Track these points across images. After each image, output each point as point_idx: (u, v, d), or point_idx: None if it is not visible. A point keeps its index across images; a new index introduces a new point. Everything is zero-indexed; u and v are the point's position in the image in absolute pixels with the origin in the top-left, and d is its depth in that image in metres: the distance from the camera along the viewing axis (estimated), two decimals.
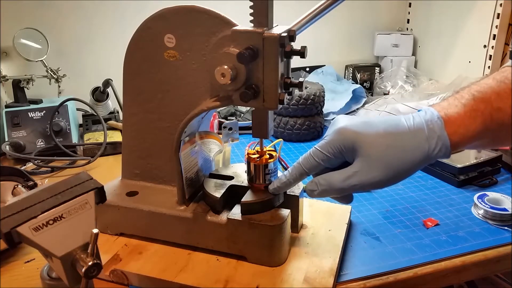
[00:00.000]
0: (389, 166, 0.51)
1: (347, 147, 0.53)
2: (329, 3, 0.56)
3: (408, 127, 0.52)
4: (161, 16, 0.58)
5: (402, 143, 0.52)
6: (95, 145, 1.02)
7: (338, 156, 0.54)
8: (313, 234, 0.65)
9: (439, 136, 0.51)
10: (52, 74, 1.13)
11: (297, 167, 0.57)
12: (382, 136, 0.52)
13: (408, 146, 0.51)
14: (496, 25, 1.13)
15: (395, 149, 0.51)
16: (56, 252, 0.43)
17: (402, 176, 0.52)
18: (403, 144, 0.51)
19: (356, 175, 0.52)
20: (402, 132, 0.52)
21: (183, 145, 0.61)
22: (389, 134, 0.52)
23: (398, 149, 0.51)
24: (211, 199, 0.61)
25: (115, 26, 1.26)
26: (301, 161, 0.56)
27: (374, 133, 0.52)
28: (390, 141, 0.52)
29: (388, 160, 0.51)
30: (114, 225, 0.66)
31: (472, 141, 0.52)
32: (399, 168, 0.51)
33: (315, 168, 0.55)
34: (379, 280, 0.59)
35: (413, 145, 0.51)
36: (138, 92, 0.64)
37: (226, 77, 0.52)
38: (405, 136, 0.52)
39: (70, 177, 0.48)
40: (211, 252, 0.61)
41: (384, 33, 1.50)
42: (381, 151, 0.51)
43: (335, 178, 0.53)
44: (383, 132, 0.52)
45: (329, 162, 0.54)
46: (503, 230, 0.69)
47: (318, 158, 0.54)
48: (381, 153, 0.51)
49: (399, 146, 0.51)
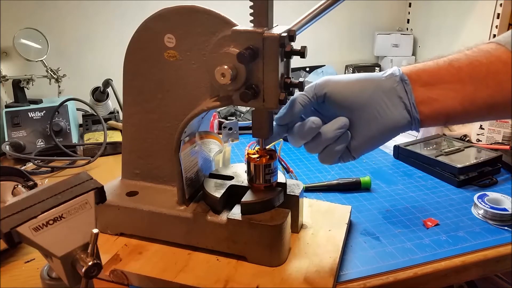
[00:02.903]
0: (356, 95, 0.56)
1: (318, 88, 0.57)
2: (329, 3, 0.56)
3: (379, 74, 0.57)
4: (161, 16, 0.58)
5: (368, 83, 0.57)
6: (95, 145, 1.02)
7: (312, 98, 0.57)
8: (313, 234, 0.65)
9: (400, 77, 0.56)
10: (52, 74, 1.13)
11: (284, 107, 0.58)
12: (348, 77, 0.58)
13: (374, 84, 0.56)
14: (496, 25, 1.14)
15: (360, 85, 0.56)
16: (56, 252, 0.43)
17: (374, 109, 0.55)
18: (369, 83, 0.56)
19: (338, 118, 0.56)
20: (372, 75, 0.58)
21: (183, 145, 0.61)
22: (354, 76, 0.58)
23: (363, 86, 0.56)
24: (211, 199, 0.61)
25: (115, 26, 1.26)
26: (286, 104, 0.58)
27: (345, 78, 0.58)
28: (354, 78, 0.58)
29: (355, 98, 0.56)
30: (114, 225, 0.66)
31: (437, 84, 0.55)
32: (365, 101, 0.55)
33: (297, 109, 0.57)
34: (379, 280, 0.59)
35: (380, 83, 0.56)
36: (138, 92, 0.64)
37: (226, 77, 0.52)
38: (375, 77, 0.57)
39: (70, 177, 0.48)
40: (211, 252, 0.61)
41: (384, 33, 1.50)
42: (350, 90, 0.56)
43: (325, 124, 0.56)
44: (350, 76, 0.58)
45: (308, 104, 0.57)
46: (503, 230, 0.69)
47: (299, 99, 0.57)
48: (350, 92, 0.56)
49: (366, 84, 0.56)
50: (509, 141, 1.02)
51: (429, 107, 0.55)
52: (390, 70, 0.57)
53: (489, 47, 0.55)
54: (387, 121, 0.55)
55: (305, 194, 0.79)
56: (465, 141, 1.04)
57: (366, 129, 0.56)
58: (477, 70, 0.54)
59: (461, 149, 0.94)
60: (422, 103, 0.55)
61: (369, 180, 0.83)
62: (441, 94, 0.55)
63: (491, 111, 0.55)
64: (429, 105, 0.55)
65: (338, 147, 0.56)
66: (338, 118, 0.56)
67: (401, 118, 0.55)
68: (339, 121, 0.55)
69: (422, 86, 0.55)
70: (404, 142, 0.98)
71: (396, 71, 0.56)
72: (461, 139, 1.05)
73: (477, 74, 0.54)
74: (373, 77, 0.57)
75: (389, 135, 0.56)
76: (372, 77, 0.57)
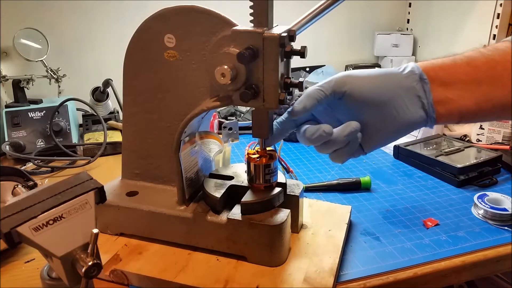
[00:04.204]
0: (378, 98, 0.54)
1: (338, 84, 0.55)
2: (329, 3, 0.56)
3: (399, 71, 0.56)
4: (161, 16, 0.58)
5: (389, 80, 0.55)
6: (95, 145, 1.02)
7: (330, 94, 0.55)
8: (313, 234, 0.65)
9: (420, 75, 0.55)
10: (52, 74, 1.13)
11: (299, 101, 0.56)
12: (368, 72, 0.56)
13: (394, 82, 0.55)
14: (496, 25, 1.13)
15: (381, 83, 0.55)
16: (56, 252, 0.43)
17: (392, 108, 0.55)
18: (390, 81, 0.55)
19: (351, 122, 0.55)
20: (392, 72, 0.56)
21: (183, 145, 0.61)
22: (374, 72, 0.56)
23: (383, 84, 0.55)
24: (211, 199, 0.61)
25: (115, 26, 1.26)
26: (301, 98, 0.56)
27: (365, 74, 0.56)
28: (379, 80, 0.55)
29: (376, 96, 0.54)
30: (114, 225, 0.66)
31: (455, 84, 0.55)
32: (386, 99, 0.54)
33: (311, 104, 0.55)
34: (379, 280, 0.59)
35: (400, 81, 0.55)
36: (138, 92, 0.64)
37: (226, 77, 0.52)
38: (395, 75, 0.56)
39: (70, 177, 0.48)
40: (211, 252, 0.61)
41: (384, 33, 1.50)
42: (371, 88, 0.55)
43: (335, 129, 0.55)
44: (374, 74, 0.56)
45: (324, 100, 0.56)
46: (503, 230, 0.69)
47: (316, 95, 0.55)
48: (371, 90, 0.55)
49: (386, 82, 0.55)
50: (509, 141, 1.02)
51: (445, 106, 0.55)
52: (409, 67, 0.56)
53: (505, 46, 0.55)
54: (404, 119, 0.55)
55: (305, 194, 0.79)
56: (465, 141, 1.04)
57: (383, 126, 0.55)
58: (494, 69, 0.54)
59: (461, 149, 0.94)
60: (439, 103, 0.55)
61: (369, 180, 0.83)
62: (457, 94, 0.54)
63: (506, 110, 0.55)
64: (446, 104, 0.55)
65: (349, 149, 0.56)
66: (350, 123, 0.55)
67: (418, 117, 0.55)
68: (350, 126, 0.54)
69: (440, 85, 0.55)
70: (404, 142, 0.98)
71: (415, 69, 0.56)
72: (461, 139, 1.05)
73: (494, 74, 0.54)
74: (393, 74, 0.56)
75: (404, 133, 0.56)
76: (392, 74, 0.56)
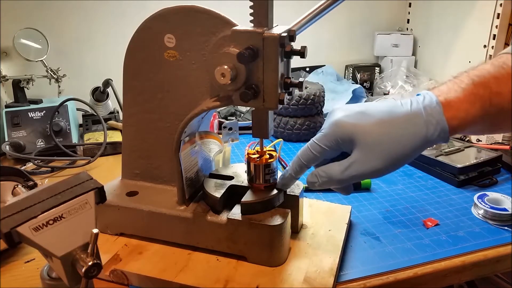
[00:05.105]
0: (387, 153, 0.52)
1: (344, 139, 0.53)
2: (329, 3, 0.56)
3: (405, 113, 0.52)
4: (161, 16, 0.58)
5: (398, 130, 0.52)
6: (95, 145, 1.02)
7: (335, 148, 0.54)
8: (313, 234, 0.65)
9: (437, 121, 0.51)
10: (52, 74, 1.13)
11: (296, 161, 0.58)
12: (378, 125, 0.52)
13: (405, 132, 0.52)
14: (496, 25, 1.13)
15: (391, 136, 0.52)
16: (56, 252, 0.43)
17: (401, 162, 0.53)
18: (399, 131, 0.52)
19: (354, 166, 0.53)
20: (398, 118, 0.52)
21: (183, 145, 0.61)
22: (385, 122, 0.52)
23: (394, 136, 0.52)
24: (211, 199, 0.61)
25: (115, 26, 1.25)
26: (299, 154, 0.57)
27: (370, 123, 0.53)
28: (386, 129, 0.52)
29: (385, 147, 0.52)
30: (114, 225, 0.66)
31: (470, 126, 0.52)
32: (397, 155, 0.52)
33: (313, 160, 0.56)
34: (379, 280, 0.59)
35: (410, 131, 0.52)
36: (138, 92, 0.64)
37: (226, 77, 0.52)
38: (402, 122, 0.52)
39: (70, 177, 0.48)
40: (211, 252, 0.61)
41: (384, 33, 1.50)
42: (378, 139, 0.52)
43: (334, 170, 0.54)
44: (379, 120, 0.53)
45: (326, 154, 0.55)
46: (503, 230, 0.69)
47: (316, 151, 0.55)
48: (378, 142, 0.52)
49: (395, 133, 0.52)
50: (509, 141, 1.02)
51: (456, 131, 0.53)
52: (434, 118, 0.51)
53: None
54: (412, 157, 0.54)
55: (305, 194, 0.79)
56: (465, 141, 1.04)
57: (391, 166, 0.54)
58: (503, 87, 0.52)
59: (461, 149, 0.94)
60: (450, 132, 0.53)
61: (369, 180, 0.83)
62: (470, 125, 0.52)
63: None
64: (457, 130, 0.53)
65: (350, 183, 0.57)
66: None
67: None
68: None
69: (453, 118, 0.52)
70: None
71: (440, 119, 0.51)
72: (461, 139, 1.05)
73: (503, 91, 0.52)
74: (415, 124, 0.52)
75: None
76: (413, 124, 0.52)
